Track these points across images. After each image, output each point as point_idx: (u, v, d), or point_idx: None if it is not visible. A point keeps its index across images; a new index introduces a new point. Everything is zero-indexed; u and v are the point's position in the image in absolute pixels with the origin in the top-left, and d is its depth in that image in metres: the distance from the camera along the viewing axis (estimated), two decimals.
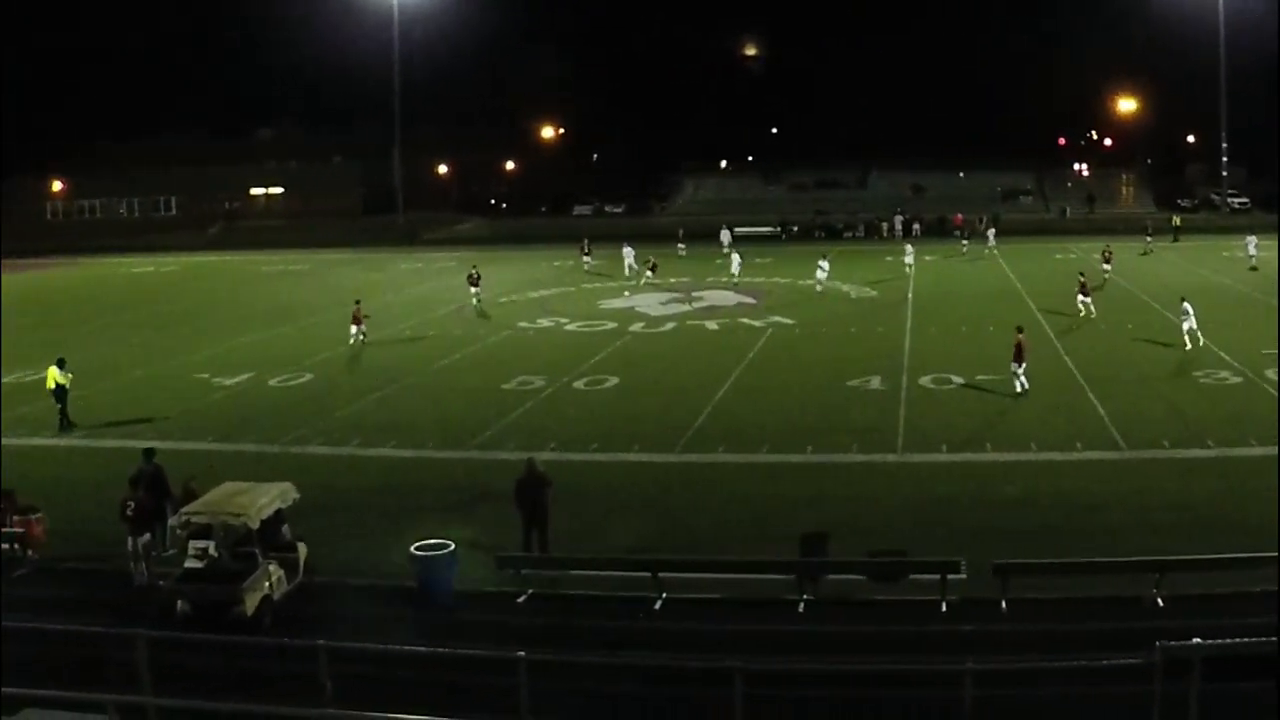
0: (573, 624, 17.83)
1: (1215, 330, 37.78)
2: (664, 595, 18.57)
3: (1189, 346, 36.04)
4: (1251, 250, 58.62)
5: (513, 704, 13.35)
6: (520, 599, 18.86)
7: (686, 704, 14.59)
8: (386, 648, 15.59)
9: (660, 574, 18.79)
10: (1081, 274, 46.14)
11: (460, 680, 15.09)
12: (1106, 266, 54.66)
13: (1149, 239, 68.97)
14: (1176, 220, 78.07)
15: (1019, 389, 31.15)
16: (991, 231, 73.50)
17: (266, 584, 17.95)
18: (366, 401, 33.25)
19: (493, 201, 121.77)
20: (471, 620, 18.01)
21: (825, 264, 54.88)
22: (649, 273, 57.73)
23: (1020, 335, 31.89)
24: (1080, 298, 43.56)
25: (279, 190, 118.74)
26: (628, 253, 63.22)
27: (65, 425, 30.45)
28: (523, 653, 13.55)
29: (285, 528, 19.45)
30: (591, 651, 16.31)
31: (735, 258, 58.99)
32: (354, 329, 41.49)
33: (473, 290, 51.51)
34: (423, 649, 15.68)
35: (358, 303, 42.73)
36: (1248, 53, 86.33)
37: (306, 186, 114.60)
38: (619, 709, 14.45)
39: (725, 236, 74.20)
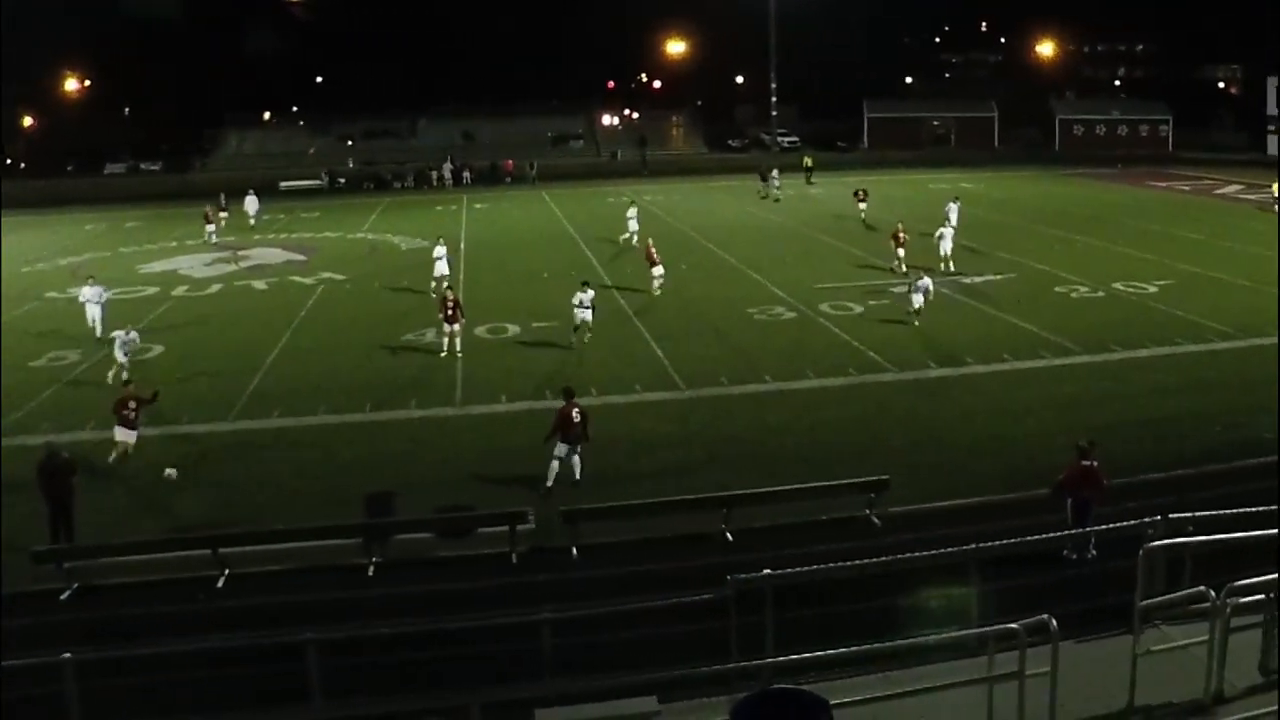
0: (126, 614, 16.75)
1: (769, 267, 40.25)
2: (227, 572, 17.82)
3: None
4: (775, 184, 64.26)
5: (64, 712, 12.34)
6: (64, 596, 17.50)
7: (260, 682, 14.04)
8: None
9: (220, 550, 17.98)
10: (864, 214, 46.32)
11: None
12: (863, 206, 54.47)
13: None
14: (808, 161, 77.58)
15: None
16: (775, 172, 68.05)
17: None
18: None
19: (9, 161, 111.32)
20: (8, 628, 16.51)
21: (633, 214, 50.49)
22: None
23: None
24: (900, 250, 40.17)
25: None
26: (251, 203, 61.83)
27: None
28: (69, 654, 12.53)
29: None
30: (150, 642, 15.40)
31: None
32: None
33: None
34: None
35: None
36: None
37: None
38: (188, 698, 13.73)
39: (252, 204, 62.81)
